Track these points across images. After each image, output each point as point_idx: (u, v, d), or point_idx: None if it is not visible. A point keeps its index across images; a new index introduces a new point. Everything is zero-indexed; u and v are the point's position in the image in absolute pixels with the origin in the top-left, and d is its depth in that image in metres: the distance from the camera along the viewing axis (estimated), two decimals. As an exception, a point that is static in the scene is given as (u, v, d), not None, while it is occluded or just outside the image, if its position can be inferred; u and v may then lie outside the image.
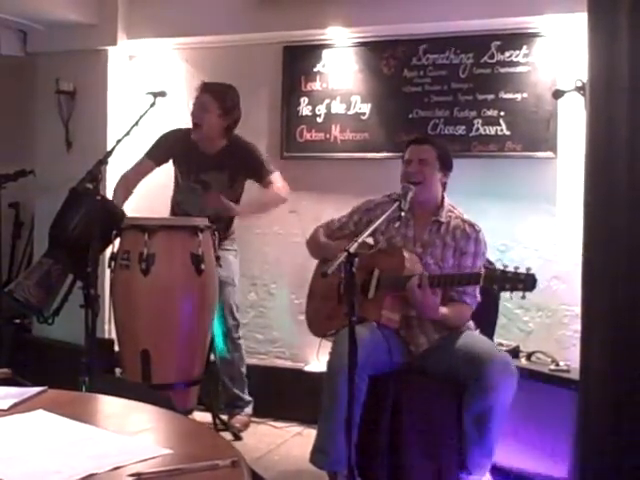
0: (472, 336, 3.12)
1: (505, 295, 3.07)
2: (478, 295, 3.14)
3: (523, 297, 2.81)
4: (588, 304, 1.90)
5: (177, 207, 4.08)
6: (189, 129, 3.98)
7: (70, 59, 4.82)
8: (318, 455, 2.97)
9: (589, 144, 1.94)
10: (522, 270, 2.80)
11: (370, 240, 3.20)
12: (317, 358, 3.36)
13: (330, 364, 2.95)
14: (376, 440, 2.96)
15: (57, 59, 4.86)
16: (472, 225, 3.22)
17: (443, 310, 3.05)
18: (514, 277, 2.80)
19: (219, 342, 3.96)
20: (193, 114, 3.89)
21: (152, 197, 4.18)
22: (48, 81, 4.87)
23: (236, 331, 4.05)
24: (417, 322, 3.15)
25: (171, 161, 4.07)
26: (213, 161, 3.92)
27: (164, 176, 4.15)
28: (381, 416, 2.95)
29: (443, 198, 3.28)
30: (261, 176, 3.95)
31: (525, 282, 2.78)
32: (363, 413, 2.88)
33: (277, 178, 3.97)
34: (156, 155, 3.99)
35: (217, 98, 3.88)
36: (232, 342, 4.02)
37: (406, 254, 3.12)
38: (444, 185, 3.29)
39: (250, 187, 4.06)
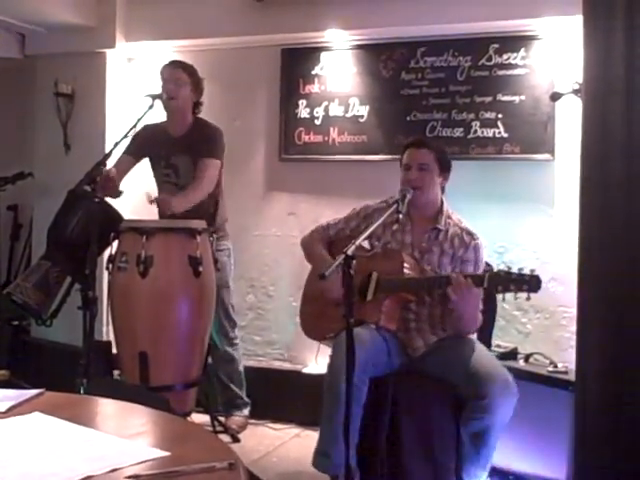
0: (471, 346, 3.09)
1: (503, 296, 3.07)
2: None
3: (528, 298, 2.81)
4: (583, 306, 1.91)
5: None
6: (158, 122, 3.98)
7: (69, 61, 4.83)
8: (321, 458, 2.96)
9: (584, 147, 1.95)
10: (526, 271, 2.80)
11: (366, 244, 3.20)
12: (316, 361, 3.36)
13: (331, 367, 2.94)
14: (375, 442, 2.96)
15: (56, 61, 4.87)
16: (470, 233, 3.20)
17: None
18: (518, 278, 2.79)
19: (217, 342, 3.97)
20: (168, 89, 3.83)
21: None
22: (47, 83, 4.87)
23: (233, 331, 4.07)
24: (415, 325, 3.15)
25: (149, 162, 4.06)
26: (180, 143, 3.90)
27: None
28: (380, 417, 2.96)
29: (442, 203, 3.26)
30: (202, 154, 3.81)
31: (530, 283, 2.78)
32: (364, 415, 2.88)
33: (212, 166, 3.83)
34: (132, 149, 3.95)
35: (188, 72, 3.92)
36: (229, 342, 4.04)
37: (405, 257, 3.12)
38: (443, 189, 3.29)
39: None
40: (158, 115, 3.88)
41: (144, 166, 4.07)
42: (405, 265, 3.09)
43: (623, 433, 2.04)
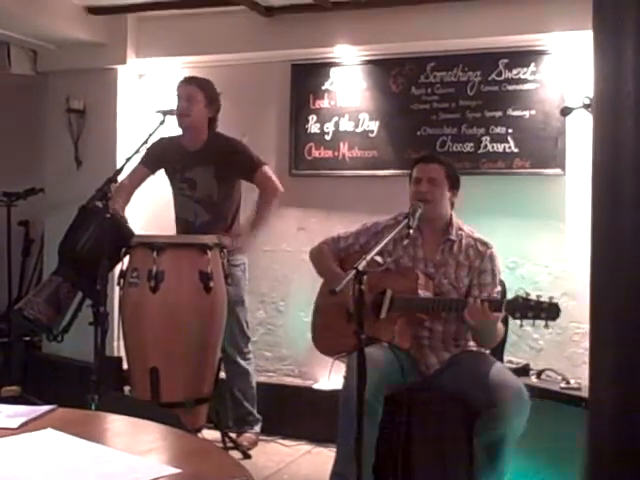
0: (484, 359, 3.08)
1: (520, 323, 3.03)
2: None
3: (546, 326, 2.80)
4: (596, 323, 1.90)
5: (177, 219, 4.06)
6: (173, 136, 3.98)
7: (80, 78, 4.86)
8: None
9: (595, 164, 1.94)
10: (545, 299, 2.79)
11: (379, 259, 3.18)
12: (329, 378, 3.33)
13: (345, 387, 2.90)
14: (389, 460, 2.93)
15: (67, 78, 4.91)
16: (484, 243, 3.19)
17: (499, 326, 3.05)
18: (537, 306, 2.78)
19: (230, 358, 3.96)
20: (181, 106, 3.84)
21: (161, 215, 4.19)
22: (58, 99, 4.91)
23: (246, 347, 4.06)
24: (428, 342, 3.12)
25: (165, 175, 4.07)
26: (196, 157, 3.90)
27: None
28: (394, 435, 2.93)
29: (451, 217, 3.25)
30: (252, 170, 3.90)
31: (548, 311, 2.77)
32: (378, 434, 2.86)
33: (270, 171, 3.98)
34: (147, 161, 3.97)
35: (202, 88, 3.89)
36: (243, 358, 4.03)
37: (420, 276, 3.11)
38: (452, 204, 3.28)
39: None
40: (171, 130, 3.89)
41: (152, 182, 4.08)
42: (420, 283, 3.07)
43: (636, 451, 2.02)
